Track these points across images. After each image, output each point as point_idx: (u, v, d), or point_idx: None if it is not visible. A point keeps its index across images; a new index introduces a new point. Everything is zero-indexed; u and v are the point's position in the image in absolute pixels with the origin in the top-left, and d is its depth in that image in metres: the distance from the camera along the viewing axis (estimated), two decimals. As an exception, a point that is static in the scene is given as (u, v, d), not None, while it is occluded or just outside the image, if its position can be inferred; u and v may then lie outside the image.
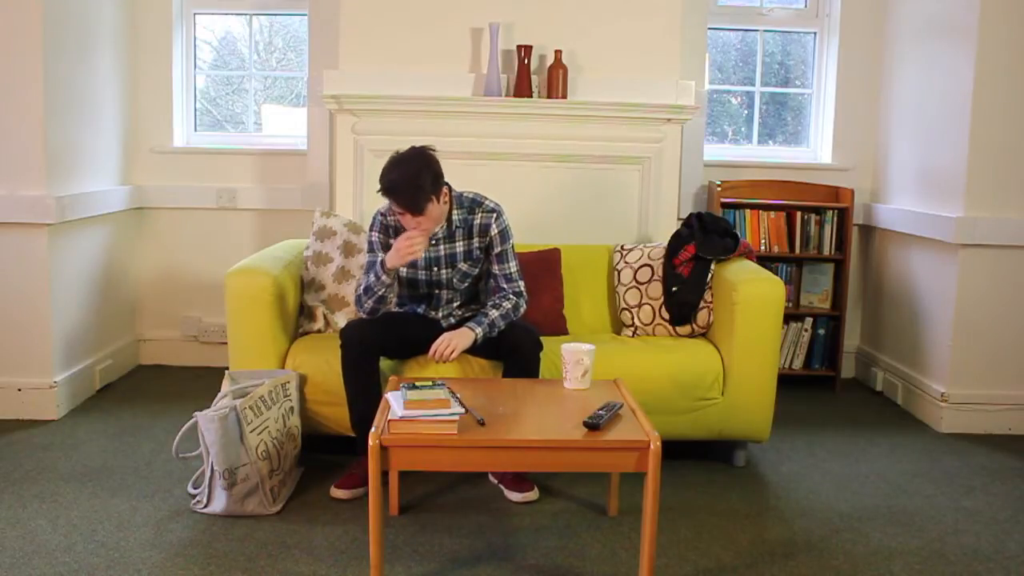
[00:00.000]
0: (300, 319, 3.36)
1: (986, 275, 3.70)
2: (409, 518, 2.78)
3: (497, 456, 2.31)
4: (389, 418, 2.29)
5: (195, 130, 4.58)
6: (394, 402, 2.32)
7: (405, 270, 3.06)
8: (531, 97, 3.83)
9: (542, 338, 3.02)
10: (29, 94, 3.49)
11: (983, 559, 2.61)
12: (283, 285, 3.17)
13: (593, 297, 3.64)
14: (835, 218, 4.29)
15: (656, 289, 3.48)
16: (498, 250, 3.07)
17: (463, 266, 3.07)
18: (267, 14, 4.57)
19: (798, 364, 4.36)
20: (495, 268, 3.09)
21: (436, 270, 3.07)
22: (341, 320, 3.37)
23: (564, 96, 3.83)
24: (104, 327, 4.12)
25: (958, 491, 3.13)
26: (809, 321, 4.32)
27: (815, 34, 4.57)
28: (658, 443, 2.22)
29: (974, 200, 3.66)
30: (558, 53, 3.82)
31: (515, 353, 2.95)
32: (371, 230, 3.07)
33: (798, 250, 4.30)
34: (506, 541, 2.64)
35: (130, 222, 4.36)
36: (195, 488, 2.89)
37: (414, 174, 2.80)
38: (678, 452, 3.26)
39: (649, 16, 3.92)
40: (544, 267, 3.54)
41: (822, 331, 4.34)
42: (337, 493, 2.91)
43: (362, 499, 2.86)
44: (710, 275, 3.41)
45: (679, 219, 3.98)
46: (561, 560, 2.54)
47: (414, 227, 2.88)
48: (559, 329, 3.47)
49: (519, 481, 2.95)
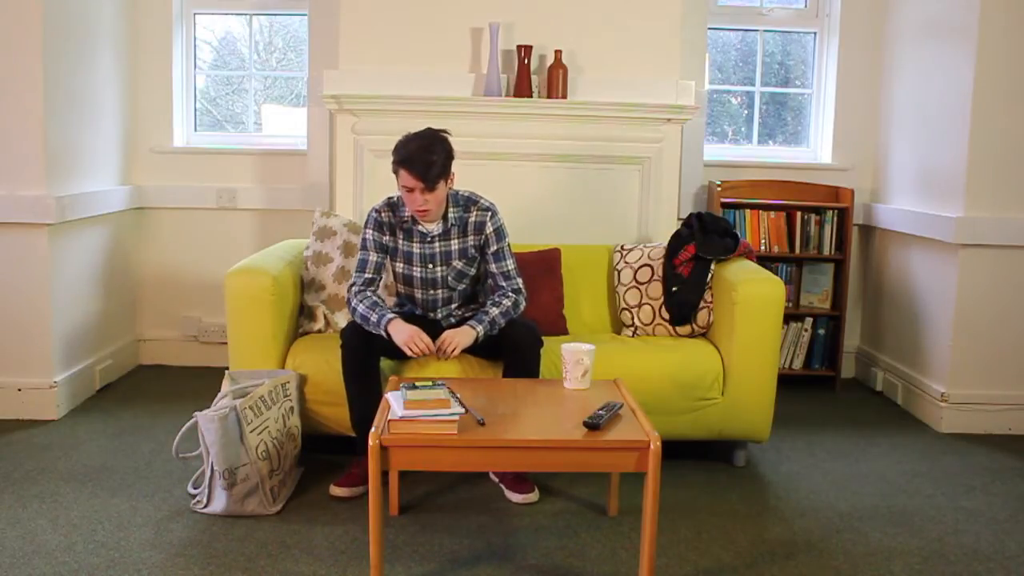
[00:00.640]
0: (300, 319, 3.36)
1: (986, 275, 3.70)
2: (409, 518, 2.78)
3: (497, 456, 2.31)
4: (389, 418, 2.29)
5: (195, 130, 4.58)
6: (394, 402, 2.32)
7: (401, 266, 3.08)
8: (531, 97, 3.83)
9: (542, 338, 3.02)
10: (29, 94, 3.49)
11: (983, 559, 2.61)
12: (283, 285, 3.17)
13: (593, 297, 3.64)
14: (835, 218, 4.28)
15: (656, 289, 3.48)
16: (494, 248, 3.08)
17: (458, 264, 3.07)
18: (267, 14, 4.57)
19: (798, 364, 4.36)
20: (492, 267, 3.09)
21: (431, 267, 3.07)
22: (341, 320, 3.37)
23: (564, 96, 3.83)
24: (104, 327, 4.12)
25: (958, 491, 3.13)
26: (809, 321, 4.32)
27: (815, 34, 4.57)
28: (658, 443, 2.22)
29: (974, 200, 3.66)
30: (558, 53, 3.82)
31: (515, 350, 2.96)
32: (366, 227, 3.08)
33: (798, 250, 4.29)
34: (506, 541, 2.64)
35: (130, 222, 4.36)
36: (195, 488, 2.89)
37: (429, 147, 2.87)
38: (678, 452, 3.26)
39: (649, 16, 3.92)
40: (544, 267, 3.54)
41: (822, 331, 4.34)
42: (337, 491, 2.91)
43: (362, 498, 2.86)
44: (710, 275, 3.41)
45: (679, 219, 3.98)
46: (561, 560, 2.54)
47: (420, 205, 2.90)
48: (559, 329, 3.47)
49: (520, 482, 2.95)
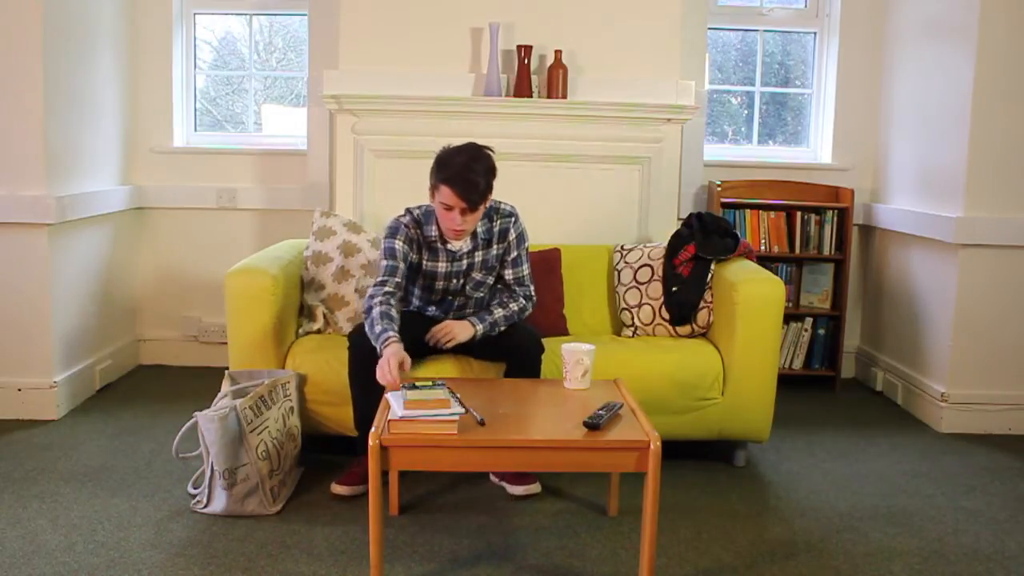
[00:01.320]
0: (300, 319, 3.36)
1: (986, 275, 3.70)
2: (409, 518, 2.78)
3: (497, 456, 2.31)
4: (389, 418, 2.29)
5: (195, 130, 4.58)
6: (394, 402, 2.32)
7: (422, 281, 3.03)
8: (531, 97, 3.83)
9: (543, 339, 3.02)
10: (29, 94, 3.49)
11: (983, 559, 2.61)
12: (283, 285, 3.17)
13: (593, 297, 3.64)
14: (835, 218, 4.28)
15: (656, 289, 3.48)
16: (514, 254, 3.05)
17: (477, 275, 3.05)
18: (267, 14, 4.57)
19: (798, 364, 4.35)
20: (508, 272, 3.06)
21: (456, 282, 3.04)
22: (341, 319, 3.37)
23: (564, 96, 3.83)
24: (104, 327, 4.12)
25: (958, 491, 3.13)
26: (809, 321, 4.32)
27: (815, 34, 4.57)
28: (658, 443, 2.22)
29: (974, 200, 3.66)
30: (558, 53, 3.82)
31: (517, 354, 2.95)
32: (393, 237, 2.94)
33: (798, 250, 4.29)
34: (506, 541, 2.64)
35: (130, 222, 4.36)
36: (195, 488, 2.89)
37: (474, 166, 2.77)
38: (678, 452, 3.26)
39: (649, 16, 3.92)
40: (544, 267, 3.54)
41: (822, 331, 4.34)
42: (338, 489, 2.91)
43: (362, 497, 2.86)
44: (710, 275, 3.41)
45: (679, 219, 3.98)
46: (561, 560, 2.54)
47: (458, 225, 2.83)
48: (559, 329, 3.47)
49: (520, 475, 2.94)
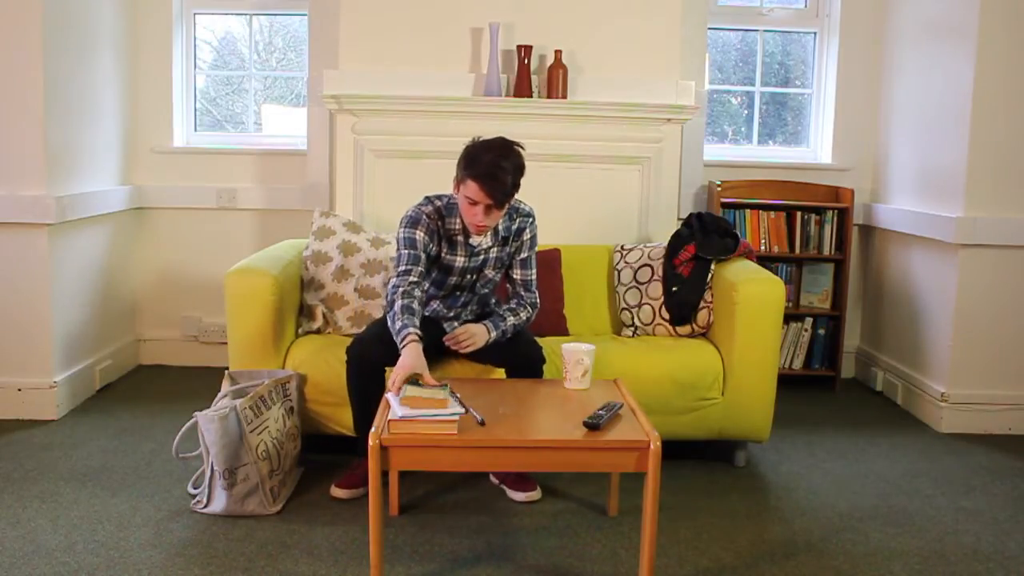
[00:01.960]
0: (300, 319, 3.36)
1: (986, 275, 3.70)
2: (409, 518, 2.78)
3: (497, 456, 2.30)
4: (389, 418, 2.29)
5: (195, 130, 4.58)
6: (394, 402, 2.32)
7: (435, 274, 2.97)
8: (531, 97, 3.83)
9: (543, 339, 3.02)
10: (29, 94, 3.49)
11: (983, 559, 2.61)
12: (283, 285, 3.17)
13: (593, 297, 3.64)
14: (835, 218, 4.28)
15: (656, 289, 3.48)
16: (524, 255, 3.01)
17: (490, 272, 3.01)
18: (267, 14, 4.57)
19: (798, 364, 4.36)
20: (517, 272, 3.02)
21: (469, 277, 3.00)
22: (340, 319, 3.37)
23: (564, 96, 3.83)
24: (104, 327, 4.12)
25: (958, 491, 3.13)
26: (809, 321, 4.32)
27: (815, 34, 4.57)
28: (658, 443, 2.22)
29: (974, 200, 3.66)
30: (558, 53, 3.82)
31: (520, 365, 2.91)
32: (414, 226, 2.85)
33: (798, 250, 4.29)
34: (506, 541, 2.64)
35: (130, 222, 4.36)
36: (195, 488, 2.89)
37: (504, 164, 2.70)
38: (678, 452, 3.27)
39: (649, 16, 3.92)
40: (544, 267, 3.53)
41: (822, 331, 4.34)
42: (337, 492, 2.91)
43: (362, 499, 2.86)
44: (710, 275, 3.41)
45: (679, 219, 3.98)
46: (561, 560, 2.54)
47: (481, 220, 2.77)
48: (559, 329, 3.47)
49: (521, 481, 2.94)
